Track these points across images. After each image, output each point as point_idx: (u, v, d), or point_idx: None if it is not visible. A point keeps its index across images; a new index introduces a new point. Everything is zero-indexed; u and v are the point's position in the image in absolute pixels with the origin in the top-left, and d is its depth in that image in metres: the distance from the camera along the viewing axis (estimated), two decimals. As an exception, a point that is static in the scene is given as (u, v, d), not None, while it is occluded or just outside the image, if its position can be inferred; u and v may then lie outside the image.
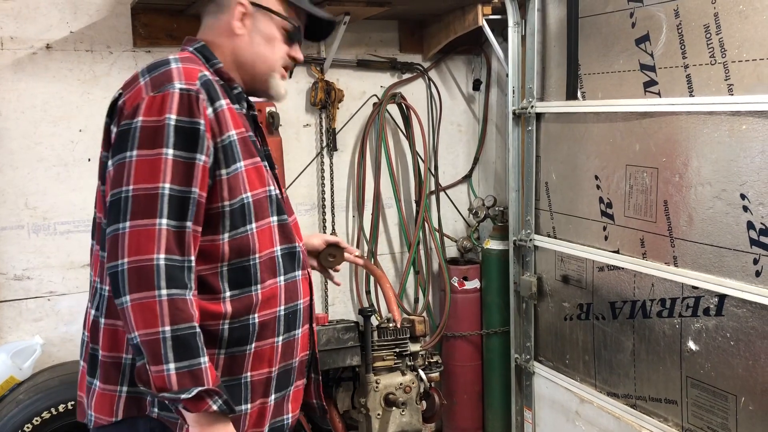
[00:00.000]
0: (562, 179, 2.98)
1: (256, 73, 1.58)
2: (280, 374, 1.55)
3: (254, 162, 1.50)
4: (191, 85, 1.39)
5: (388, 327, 2.00)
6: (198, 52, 1.55)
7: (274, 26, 1.57)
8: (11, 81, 2.81)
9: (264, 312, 1.49)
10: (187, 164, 1.36)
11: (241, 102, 1.56)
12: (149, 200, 1.32)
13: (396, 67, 3.48)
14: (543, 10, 3.00)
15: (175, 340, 1.30)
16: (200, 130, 1.38)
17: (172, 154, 1.35)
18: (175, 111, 1.36)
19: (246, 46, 1.56)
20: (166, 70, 1.42)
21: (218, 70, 1.54)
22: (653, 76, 2.49)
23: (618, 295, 2.73)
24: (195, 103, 1.38)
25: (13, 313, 2.89)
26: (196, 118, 1.38)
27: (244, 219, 1.45)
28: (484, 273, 3.49)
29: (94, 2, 2.90)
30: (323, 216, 3.40)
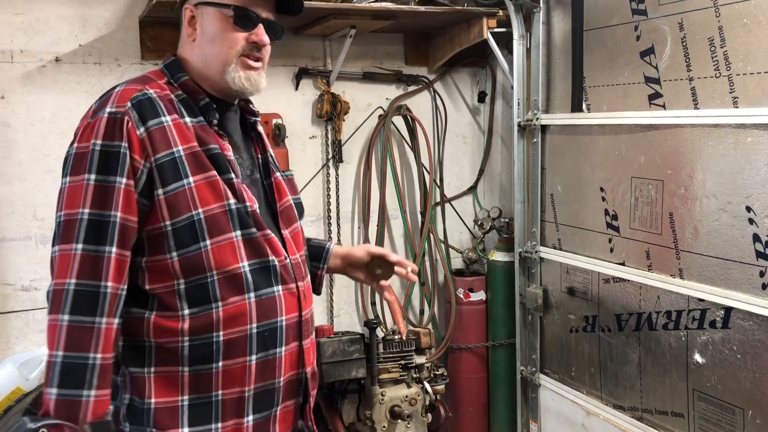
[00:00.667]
0: (568, 191, 2.98)
1: (213, 75, 1.51)
2: (259, 394, 1.50)
3: (207, 176, 1.44)
4: (120, 108, 1.40)
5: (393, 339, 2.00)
6: (166, 68, 1.54)
7: (218, 19, 1.49)
8: (21, 93, 2.84)
9: (230, 330, 1.45)
10: (105, 188, 1.36)
11: (209, 113, 1.50)
12: (70, 225, 1.35)
13: (401, 79, 3.50)
14: (548, 23, 3.01)
15: (63, 367, 1.31)
16: (120, 153, 1.37)
17: (93, 179, 1.36)
18: (101, 136, 1.37)
19: (198, 50, 1.52)
20: (108, 95, 1.44)
21: (183, 84, 1.51)
22: (658, 88, 2.50)
23: (624, 307, 2.72)
24: (119, 125, 1.38)
25: (20, 323, 2.90)
26: (118, 140, 1.37)
27: (196, 236, 1.42)
28: (490, 285, 3.49)
29: (102, 16, 2.93)
30: (329, 227, 3.41)
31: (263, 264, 1.49)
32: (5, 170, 2.83)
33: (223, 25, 1.49)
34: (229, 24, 1.49)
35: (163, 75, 1.52)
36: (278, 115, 3.23)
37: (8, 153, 2.83)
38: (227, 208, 1.45)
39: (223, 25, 1.49)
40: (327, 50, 3.34)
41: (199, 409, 1.44)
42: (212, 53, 1.50)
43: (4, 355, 2.85)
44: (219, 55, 1.49)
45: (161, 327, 1.42)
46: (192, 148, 1.44)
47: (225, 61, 1.49)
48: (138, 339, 1.44)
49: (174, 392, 1.43)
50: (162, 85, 1.49)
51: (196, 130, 1.47)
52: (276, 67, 3.27)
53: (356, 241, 3.53)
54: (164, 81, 1.51)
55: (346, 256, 1.86)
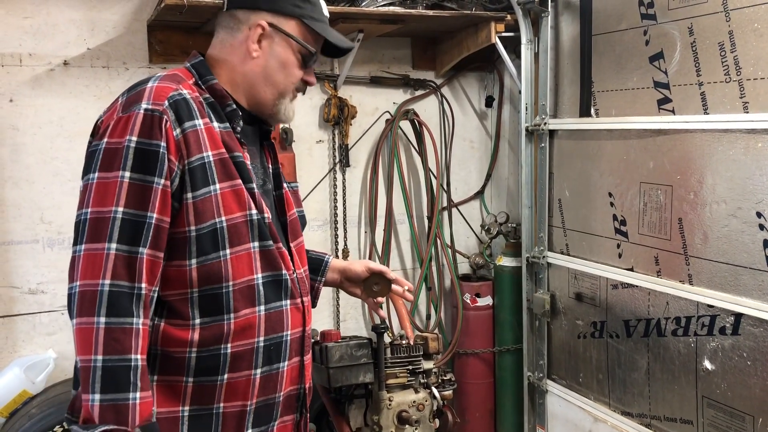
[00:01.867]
0: (576, 196, 2.97)
1: (265, 98, 1.53)
2: (259, 408, 1.48)
3: (233, 184, 1.42)
4: (157, 105, 1.35)
5: (401, 344, 1.98)
6: (193, 68, 1.51)
7: (291, 51, 1.52)
8: (29, 97, 2.84)
9: (238, 342, 1.43)
10: (143, 187, 1.32)
11: (234, 120, 1.49)
12: (101, 224, 1.29)
13: (409, 83, 3.50)
14: (556, 27, 3.01)
15: (105, 371, 1.25)
16: (159, 153, 1.33)
17: (129, 177, 1.31)
18: (136, 132, 1.33)
19: (259, 69, 1.51)
20: (140, 90, 1.39)
21: (211, 87, 1.48)
22: (667, 93, 2.49)
23: (632, 313, 2.71)
24: (157, 124, 1.34)
25: (27, 326, 2.91)
26: (156, 140, 1.33)
27: (216, 244, 1.39)
28: (497, 290, 3.48)
29: (111, 19, 2.93)
30: (335, 232, 3.40)
31: (276, 277, 1.48)
32: (13, 173, 2.83)
33: (293, 59, 1.52)
34: (300, 61, 1.53)
35: (190, 75, 1.49)
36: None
37: (16, 156, 2.83)
38: (249, 218, 1.44)
39: (293, 59, 1.52)
40: (334, 54, 3.34)
41: (199, 421, 1.41)
42: (276, 79, 1.52)
43: (10, 358, 2.85)
44: (279, 83, 1.52)
45: (170, 336, 1.39)
46: (221, 154, 1.42)
47: (283, 92, 1.53)
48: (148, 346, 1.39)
49: (175, 402, 1.40)
50: (192, 86, 1.46)
51: (223, 136, 1.45)
52: (283, 71, 3.26)
53: (363, 245, 3.52)
54: (192, 81, 1.48)
55: (345, 270, 1.85)
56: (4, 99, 2.81)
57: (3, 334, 2.87)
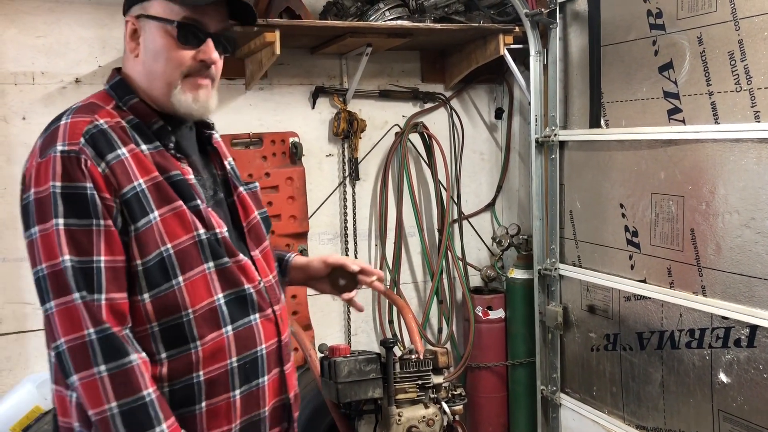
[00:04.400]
0: (587, 207, 2.95)
1: (158, 95, 1.38)
2: (245, 428, 1.42)
3: (173, 207, 1.33)
4: (72, 146, 1.27)
5: (410, 359, 1.97)
6: (112, 89, 1.40)
7: (162, 34, 1.34)
8: (41, 114, 2.87)
9: (210, 368, 1.36)
10: (83, 232, 1.25)
11: (164, 137, 1.39)
12: (58, 277, 1.24)
13: (418, 96, 3.50)
14: (565, 38, 3.00)
15: (124, 416, 1.23)
16: (87, 194, 1.25)
17: (63, 224, 1.24)
18: (58, 178, 1.25)
19: (141, 66, 1.38)
20: (54, 129, 1.31)
21: (132, 107, 1.38)
22: (677, 103, 2.47)
23: (645, 325, 2.68)
24: (77, 166, 1.25)
25: (39, 342, 2.87)
26: (81, 182, 1.25)
27: (167, 274, 1.32)
28: (509, 302, 3.45)
29: (121, 37, 2.93)
30: (345, 245, 3.40)
31: (238, 294, 1.41)
32: (26, 190, 2.85)
33: (167, 42, 1.35)
34: (174, 41, 1.35)
35: (110, 98, 1.39)
36: (295, 133, 3.24)
37: (29, 173, 2.85)
38: (197, 239, 1.35)
39: (167, 41, 1.35)
40: (343, 68, 3.35)
41: None
42: (156, 72, 1.36)
43: (23, 374, 2.86)
44: (163, 74, 1.36)
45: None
46: (154, 178, 1.33)
47: (170, 82, 1.36)
48: None
49: None
50: (111, 112, 1.36)
51: (155, 158, 1.35)
52: (293, 85, 3.28)
53: (373, 258, 3.51)
54: (112, 105, 1.38)
55: (304, 268, 1.71)
56: (17, 117, 2.84)
57: (16, 351, 2.88)
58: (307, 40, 3.06)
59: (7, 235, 2.85)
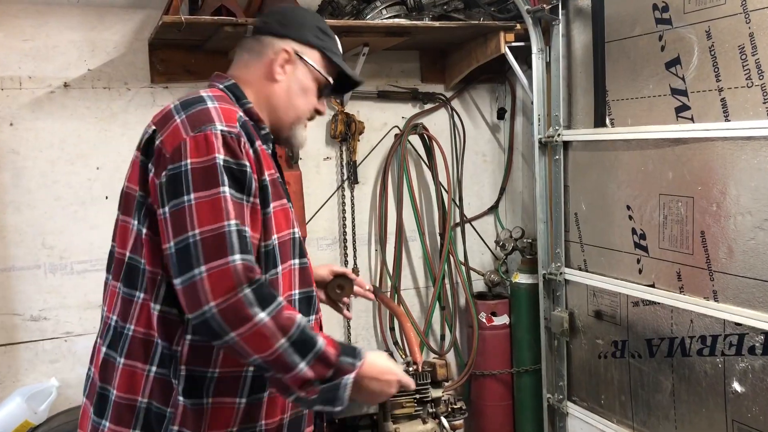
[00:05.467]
0: (593, 209, 2.85)
1: (284, 121, 1.58)
2: (293, 421, 1.52)
3: (282, 204, 1.48)
4: (232, 127, 1.38)
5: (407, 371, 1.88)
6: (228, 90, 1.53)
7: (311, 78, 1.59)
8: (29, 120, 2.80)
9: None
10: (240, 204, 1.35)
11: (268, 142, 1.55)
12: (219, 240, 1.30)
13: (417, 97, 3.41)
14: (567, 35, 2.91)
15: (294, 345, 1.32)
16: (247, 173, 1.37)
17: (230, 193, 1.33)
18: (222, 152, 1.34)
19: (282, 92, 1.57)
20: (203, 109, 1.40)
21: (248, 110, 1.52)
22: (685, 100, 2.38)
23: (654, 331, 2.58)
24: (238, 145, 1.37)
25: (29, 354, 2.84)
26: (242, 160, 1.36)
27: (275, 261, 1.44)
28: (514, 308, 3.36)
29: (111, 39, 2.88)
30: (344, 250, 3.31)
31: (308, 293, 1.54)
32: (14, 198, 2.78)
33: (313, 87, 1.59)
34: (317, 90, 1.61)
35: (227, 96, 1.52)
36: (291, 136, 3.15)
37: (17, 180, 2.78)
38: (292, 236, 1.50)
39: (313, 86, 1.59)
40: (340, 69, 3.27)
41: None
42: (295, 104, 1.58)
43: (13, 387, 2.79)
44: (298, 108, 1.58)
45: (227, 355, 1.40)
46: (272, 174, 1.47)
47: (300, 116, 1.60)
48: (202, 369, 1.40)
49: (228, 423, 1.42)
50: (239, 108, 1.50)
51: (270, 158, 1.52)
52: (288, 87, 3.20)
53: (373, 264, 3.42)
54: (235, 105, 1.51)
55: None
56: (5, 123, 2.77)
57: (5, 363, 2.81)
58: (302, 41, 2.97)
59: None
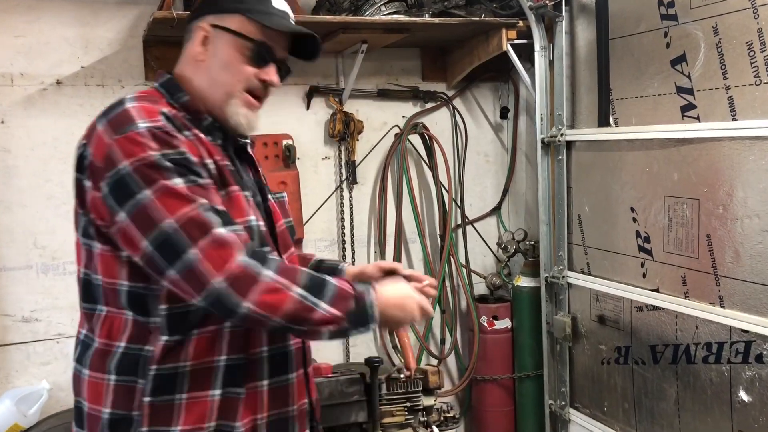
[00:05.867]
0: (596, 211, 2.78)
1: (215, 101, 1.44)
2: (273, 423, 1.45)
3: (232, 190, 1.40)
4: (155, 122, 1.31)
5: (398, 378, 1.82)
6: (162, 87, 1.45)
7: (235, 48, 1.43)
8: (21, 118, 2.75)
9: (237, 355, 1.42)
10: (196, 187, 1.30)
11: (214, 133, 1.44)
12: (197, 220, 1.27)
13: (418, 96, 3.34)
14: (571, 32, 2.84)
15: (309, 290, 1.29)
16: (188, 158, 1.31)
17: (181, 180, 1.28)
18: (155, 146, 1.28)
19: (205, 72, 1.45)
20: (121, 111, 1.33)
21: (184, 104, 1.43)
22: (691, 99, 2.30)
23: (659, 337, 2.50)
24: (167, 135, 1.31)
25: (20, 356, 2.79)
26: (179, 147, 1.30)
27: None
28: (516, 312, 3.28)
29: (105, 36, 2.83)
30: (343, 252, 3.25)
31: None
32: (5, 197, 2.73)
33: (237, 56, 1.43)
34: (245, 57, 1.43)
35: (161, 95, 1.44)
36: (289, 135, 3.09)
37: (8, 179, 2.74)
38: (249, 224, 1.40)
39: (238, 55, 1.43)
40: (339, 67, 3.20)
41: None
42: (220, 80, 1.44)
43: (3, 389, 2.74)
44: (225, 84, 1.44)
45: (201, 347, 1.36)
46: (217, 161, 1.39)
47: (230, 93, 1.44)
48: (173, 365, 1.35)
49: (203, 418, 1.36)
50: (167, 105, 1.41)
51: (215, 147, 1.43)
52: (286, 85, 3.11)
53: (373, 266, 3.35)
54: (163, 102, 1.42)
55: (359, 275, 1.69)
56: (-4, 120, 2.73)
57: (-4, 364, 2.77)
58: (299, 38, 2.90)
59: (-14, 244, 2.74)
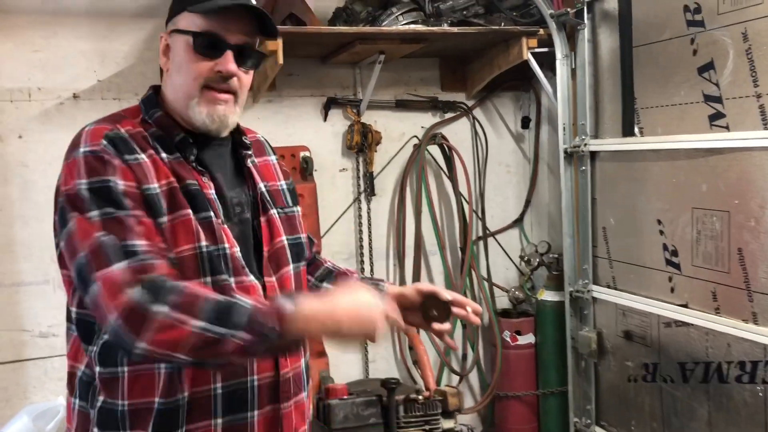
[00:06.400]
0: (621, 224, 2.70)
1: (180, 108, 1.37)
2: None
3: (181, 215, 1.31)
4: (94, 146, 1.28)
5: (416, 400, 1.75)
6: (142, 103, 1.41)
7: (184, 47, 1.35)
8: (38, 132, 2.75)
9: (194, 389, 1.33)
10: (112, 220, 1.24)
11: (186, 149, 1.37)
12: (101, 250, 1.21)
13: (437, 106, 3.28)
14: (593, 40, 2.76)
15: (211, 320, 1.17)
16: (111, 187, 1.25)
17: (98, 213, 1.23)
18: (83, 175, 1.26)
19: (168, 81, 1.40)
20: (76, 136, 1.33)
21: (157, 120, 1.37)
22: (720, 108, 2.21)
23: (688, 355, 2.41)
24: (100, 162, 1.26)
25: (38, 372, 2.78)
26: (104, 176, 1.25)
27: None
28: (539, 327, 3.20)
29: (121, 50, 2.82)
30: (361, 265, 3.20)
31: None
32: (22, 212, 2.73)
33: (187, 54, 1.35)
34: (194, 52, 1.35)
35: (139, 111, 1.40)
36: (306, 147, 3.06)
37: (26, 194, 2.73)
38: (197, 251, 1.31)
39: (187, 53, 1.35)
40: (357, 78, 3.16)
41: None
42: (177, 84, 1.37)
43: (20, 405, 2.72)
44: (183, 86, 1.36)
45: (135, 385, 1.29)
46: (169, 183, 1.32)
47: (188, 94, 1.36)
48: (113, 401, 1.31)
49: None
50: (134, 123, 1.36)
51: (173, 165, 1.34)
52: (303, 97, 3.11)
53: (391, 279, 3.29)
54: (139, 119, 1.38)
55: (399, 297, 1.51)
56: (13, 135, 2.72)
57: (13, 380, 2.75)
58: (316, 49, 2.87)
59: (4, 259, 2.73)
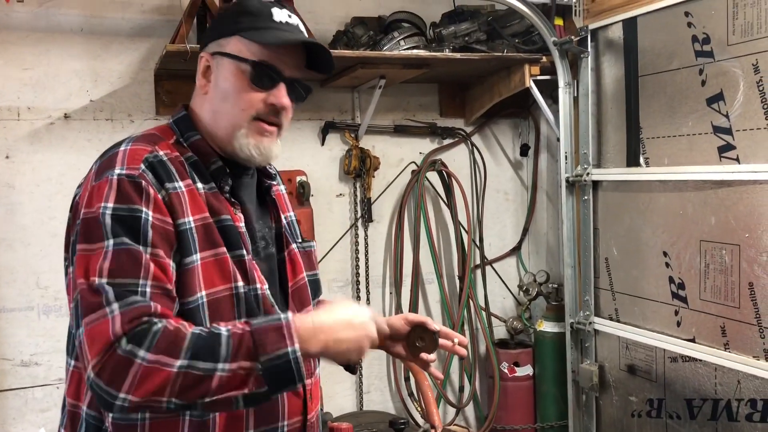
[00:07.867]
0: (625, 255, 2.64)
1: (222, 136, 1.31)
2: None
3: (216, 253, 1.24)
4: (132, 170, 1.19)
5: (423, 439, 1.67)
6: (175, 124, 1.34)
7: (236, 73, 1.28)
8: (27, 153, 2.65)
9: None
10: (128, 253, 1.15)
11: (221, 179, 1.31)
12: (95, 293, 1.12)
13: (436, 132, 3.24)
14: (597, 68, 2.74)
15: (194, 356, 1.10)
16: (141, 219, 1.17)
17: (114, 244, 1.14)
18: (112, 200, 1.17)
19: (208, 105, 1.32)
20: (112, 154, 1.23)
21: (193, 144, 1.31)
22: (729, 139, 2.18)
23: (696, 391, 2.34)
24: (136, 189, 1.18)
25: (18, 402, 2.65)
26: (136, 205, 1.17)
27: (199, 322, 1.20)
28: (538, 358, 3.13)
29: (115, 69, 2.75)
30: (357, 293, 3.12)
31: None
32: (7, 235, 2.62)
33: (238, 82, 1.28)
34: (246, 81, 1.28)
35: (172, 132, 1.33)
36: (303, 172, 2.98)
37: (11, 217, 2.63)
38: (234, 291, 1.25)
39: (238, 81, 1.28)
40: (356, 102, 3.11)
41: None
42: (223, 111, 1.30)
43: (-1, 438, 2.60)
44: (229, 115, 1.29)
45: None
46: (204, 219, 1.25)
47: (235, 124, 1.29)
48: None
49: None
50: (171, 146, 1.29)
51: (208, 198, 1.28)
52: (301, 121, 3.04)
53: (388, 307, 3.22)
54: (173, 140, 1.31)
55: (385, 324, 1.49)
56: (0, 156, 2.63)
57: (-8, 411, 2.63)
58: (317, 73, 2.81)
59: (-15, 284, 2.62)
